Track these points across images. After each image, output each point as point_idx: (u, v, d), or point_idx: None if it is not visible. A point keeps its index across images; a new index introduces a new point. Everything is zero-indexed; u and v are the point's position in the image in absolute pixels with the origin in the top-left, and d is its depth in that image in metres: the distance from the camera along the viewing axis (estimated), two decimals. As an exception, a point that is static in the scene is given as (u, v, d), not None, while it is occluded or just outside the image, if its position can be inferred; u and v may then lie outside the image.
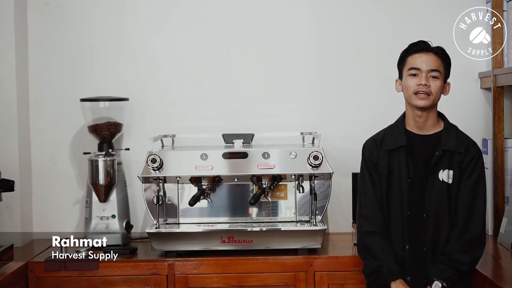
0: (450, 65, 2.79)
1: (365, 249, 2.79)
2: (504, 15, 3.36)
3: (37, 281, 3.05)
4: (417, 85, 2.71)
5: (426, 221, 2.72)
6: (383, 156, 2.78)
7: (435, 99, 2.73)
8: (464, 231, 2.69)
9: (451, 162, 2.72)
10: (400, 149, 2.76)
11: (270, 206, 3.31)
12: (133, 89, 3.57)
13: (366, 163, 2.83)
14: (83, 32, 3.60)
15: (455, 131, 2.78)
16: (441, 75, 2.73)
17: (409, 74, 2.75)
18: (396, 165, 2.76)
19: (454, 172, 2.72)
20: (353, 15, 3.60)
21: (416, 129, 2.78)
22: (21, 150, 3.46)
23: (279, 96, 3.62)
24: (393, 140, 2.79)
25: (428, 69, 2.72)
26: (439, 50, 2.76)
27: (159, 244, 3.10)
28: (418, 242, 2.73)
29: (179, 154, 3.22)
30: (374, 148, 2.81)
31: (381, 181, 2.78)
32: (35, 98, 3.59)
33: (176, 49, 3.61)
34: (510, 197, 3.33)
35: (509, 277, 2.73)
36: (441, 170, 2.72)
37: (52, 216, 3.60)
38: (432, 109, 2.76)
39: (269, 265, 3.06)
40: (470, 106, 3.58)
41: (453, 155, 2.72)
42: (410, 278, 2.73)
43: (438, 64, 2.73)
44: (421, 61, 2.73)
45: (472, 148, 2.74)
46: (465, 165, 2.72)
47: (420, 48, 2.75)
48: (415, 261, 2.73)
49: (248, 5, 3.61)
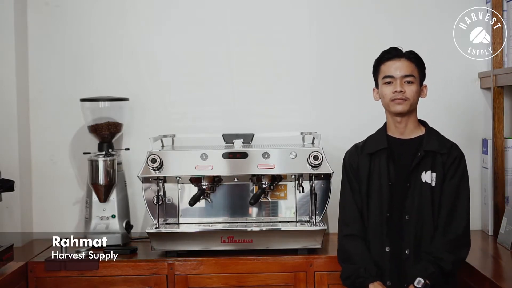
0: (424, 68, 2.81)
1: (343, 253, 2.82)
2: (504, 15, 3.36)
3: (37, 281, 3.05)
4: (393, 92, 2.75)
5: (408, 223, 2.72)
6: (363, 160, 2.81)
7: (412, 104, 2.76)
8: (447, 231, 2.70)
9: (433, 164, 2.73)
10: (381, 152, 2.79)
11: (270, 206, 3.31)
12: (133, 89, 3.57)
13: (345, 170, 2.88)
14: (83, 32, 3.60)
15: (437, 134, 2.81)
16: (415, 79, 2.76)
17: (384, 83, 2.78)
18: (377, 168, 2.78)
19: (437, 174, 2.72)
20: (353, 15, 3.60)
21: (397, 134, 2.81)
22: (21, 150, 3.46)
23: (279, 96, 3.62)
24: (374, 144, 2.82)
25: (402, 75, 2.74)
26: (412, 55, 2.78)
27: (159, 244, 3.10)
28: (399, 245, 2.74)
29: (179, 154, 3.22)
30: (354, 155, 2.86)
31: (361, 186, 2.80)
32: (35, 98, 3.59)
33: (176, 49, 3.61)
34: (510, 197, 3.33)
35: (509, 277, 2.73)
36: (424, 171, 2.73)
37: (52, 216, 3.60)
38: (411, 113, 2.78)
39: (269, 265, 3.06)
40: (470, 106, 3.58)
41: (436, 157, 2.74)
42: (390, 282, 2.73)
43: (412, 69, 2.75)
44: (395, 68, 2.75)
45: (454, 150, 2.76)
46: (447, 166, 2.73)
47: (392, 56, 2.78)
48: (396, 265, 2.73)
49: (248, 5, 3.61)
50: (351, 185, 2.84)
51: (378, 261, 2.75)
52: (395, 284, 2.73)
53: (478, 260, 2.99)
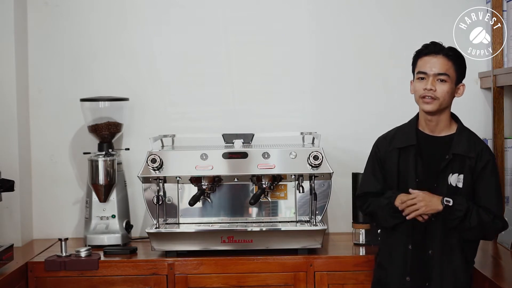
0: (463, 65, 2.74)
1: (367, 208, 2.82)
2: (504, 15, 3.36)
3: (37, 281, 3.04)
4: (423, 89, 2.69)
5: (433, 224, 2.69)
6: (392, 154, 2.78)
7: (442, 103, 2.69)
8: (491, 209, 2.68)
9: (461, 166, 2.69)
10: (410, 148, 2.75)
11: (270, 206, 3.31)
12: (133, 89, 3.57)
13: (371, 156, 2.85)
14: (83, 32, 3.60)
15: (468, 134, 2.75)
16: (449, 78, 2.68)
17: (418, 78, 2.72)
18: (405, 164, 2.75)
19: (464, 176, 2.68)
20: (353, 15, 3.60)
21: (427, 130, 2.76)
22: (21, 150, 3.46)
23: (279, 96, 3.62)
24: (403, 139, 2.78)
25: (435, 73, 2.68)
26: (450, 52, 2.71)
27: (159, 244, 3.10)
28: (422, 244, 2.72)
29: (179, 154, 3.22)
30: (383, 145, 2.82)
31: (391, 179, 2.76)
32: (35, 98, 3.59)
33: (176, 49, 3.61)
34: (510, 197, 3.33)
35: (509, 277, 2.73)
36: (451, 174, 2.70)
37: (52, 216, 3.61)
38: (442, 112, 2.72)
39: (269, 265, 3.06)
40: (470, 106, 3.57)
41: (464, 160, 2.69)
42: (409, 278, 2.72)
43: (447, 67, 2.68)
44: (429, 65, 2.69)
45: (484, 154, 2.70)
46: (478, 171, 2.68)
47: (429, 51, 2.71)
48: (417, 263, 2.72)
49: (248, 5, 3.61)
50: (373, 169, 2.82)
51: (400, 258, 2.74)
52: (414, 281, 2.71)
53: (478, 260, 2.99)
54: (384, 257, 2.83)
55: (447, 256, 2.69)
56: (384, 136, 2.86)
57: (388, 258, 2.79)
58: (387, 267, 2.79)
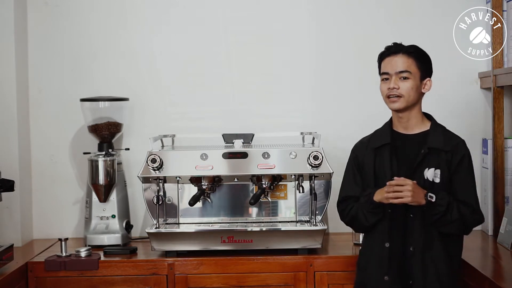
0: (426, 61, 2.77)
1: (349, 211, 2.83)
2: (504, 15, 3.36)
3: (37, 281, 3.04)
4: (388, 89, 2.74)
5: (413, 220, 2.70)
6: (369, 155, 2.81)
7: (409, 100, 2.73)
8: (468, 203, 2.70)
9: (438, 161, 2.71)
10: (385, 148, 2.78)
11: (270, 206, 3.31)
12: (133, 89, 3.57)
13: (349, 162, 2.89)
14: (83, 32, 3.60)
15: (442, 130, 2.78)
16: (412, 75, 2.72)
17: (382, 79, 2.79)
18: (381, 163, 2.77)
19: (441, 171, 2.70)
20: (353, 15, 3.60)
21: (401, 129, 2.80)
22: (21, 150, 3.46)
23: (279, 96, 3.63)
24: (378, 139, 2.82)
25: (396, 71, 2.73)
26: (411, 49, 2.75)
27: (159, 244, 3.10)
28: (401, 242, 2.72)
29: (179, 154, 3.22)
30: (360, 149, 2.86)
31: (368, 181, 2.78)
32: (35, 98, 3.59)
33: (176, 49, 3.61)
34: (510, 197, 3.33)
35: (509, 277, 2.73)
36: (427, 168, 2.71)
37: (52, 216, 3.61)
38: (412, 108, 2.76)
39: (269, 265, 3.06)
40: (470, 106, 3.58)
41: (440, 154, 2.71)
42: (388, 277, 2.72)
43: (408, 64, 2.72)
44: (390, 64, 2.74)
45: (460, 147, 2.73)
46: (454, 166, 2.71)
47: (390, 52, 2.77)
48: (397, 261, 2.72)
49: (248, 5, 3.61)
50: (353, 174, 2.84)
51: (378, 258, 2.74)
52: (393, 280, 2.71)
53: (478, 260, 3.00)
54: (362, 258, 2.84)
55: (429, 252, 2.69)
56: (361, 140, 2.90)
57: (367, 258, 2.81)
58: (366, 268, 2.80)
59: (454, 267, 2.73)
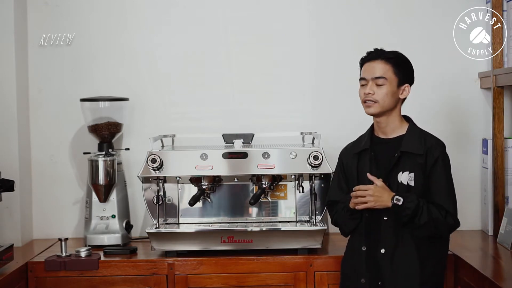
0: (407, 68, 2.78)
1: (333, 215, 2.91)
2: (504, 15, 3.36)
3: (37, 281, 3.04)
4: (364, 94, 2.77)
5: (386, 223, 2.72)
6: (352, 160, 2.85)
7: (384, 105, 2.74)
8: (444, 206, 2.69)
9: (412, 165, 2.72)
10: (365, 153, 2.82)
11: (270, 206, 3.31)
12: (133, 89, 3.57)
13: (336, 167, 2.95)
14: (83, 32, 3.60)
15: (418, 133, 2.78)
16: (387, 81, 2.73)
17: (361, 84, 2.81)
18: (362, 168, 2.81)
19: (415, 174, 2.71)
20: (353, 15, 3.60)
21: (381, 134, 2.83)
22: (21, 150, 3.46)
23: (279, 96, 3.62)
24: (359, 145, 2.86)
25: (372, 77, 2.75)
26: (391, 55, 2.76)
27: (159, 244, 3.10)
28: (375, 245, 2.73)
29: (179, 154, 3.22)
30: (345, 154, 2.92)
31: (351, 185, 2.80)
32: (35, 98, 3.59)
33: (176, 49, 3.61)
34: (510, 197, 3.33)
35: (509, 277, 2.73)
36: (401, 172, 2.73)
37: (52, 216, 3.61)
38: (390, 113, 2.77)
39: (269, 265, 3.06)
40: (470, 106, 3.58)
41: (415, 158, 2.72)
42: (364, 280, 2.74)
43: (384, 70, 2.74)
44: (367, 70, 2.77)
45: (434, 150, 2.72)
46: (428, 169, 2.71)
47: (370, 57, 2.79)
48: (372, 264, 2.74)
49: (248, 5, 3.61)
50: (338, 179, 2.91)
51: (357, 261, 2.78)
52: (369, 282, 2.73)
53: (478, 260, 3.00)
54: (344, 261, 2.88)
55: (399, 254, 2.70)
56: (346, 146, 2.95)
57: (347, 262, 2.86)
58: (347, 272, 2.84)
59: (427, 270, 2.71)
